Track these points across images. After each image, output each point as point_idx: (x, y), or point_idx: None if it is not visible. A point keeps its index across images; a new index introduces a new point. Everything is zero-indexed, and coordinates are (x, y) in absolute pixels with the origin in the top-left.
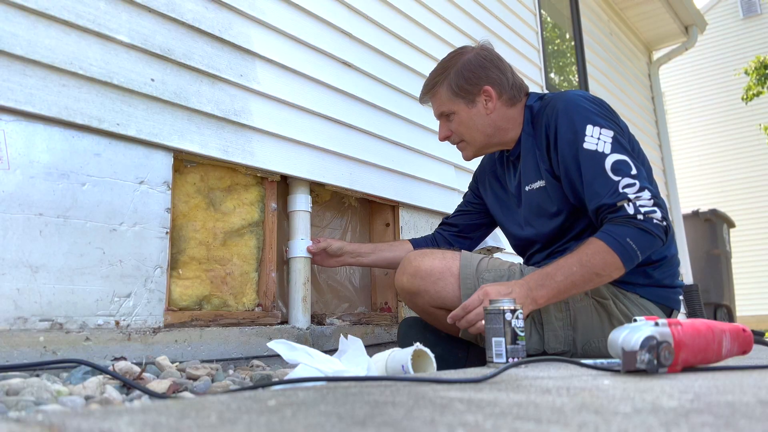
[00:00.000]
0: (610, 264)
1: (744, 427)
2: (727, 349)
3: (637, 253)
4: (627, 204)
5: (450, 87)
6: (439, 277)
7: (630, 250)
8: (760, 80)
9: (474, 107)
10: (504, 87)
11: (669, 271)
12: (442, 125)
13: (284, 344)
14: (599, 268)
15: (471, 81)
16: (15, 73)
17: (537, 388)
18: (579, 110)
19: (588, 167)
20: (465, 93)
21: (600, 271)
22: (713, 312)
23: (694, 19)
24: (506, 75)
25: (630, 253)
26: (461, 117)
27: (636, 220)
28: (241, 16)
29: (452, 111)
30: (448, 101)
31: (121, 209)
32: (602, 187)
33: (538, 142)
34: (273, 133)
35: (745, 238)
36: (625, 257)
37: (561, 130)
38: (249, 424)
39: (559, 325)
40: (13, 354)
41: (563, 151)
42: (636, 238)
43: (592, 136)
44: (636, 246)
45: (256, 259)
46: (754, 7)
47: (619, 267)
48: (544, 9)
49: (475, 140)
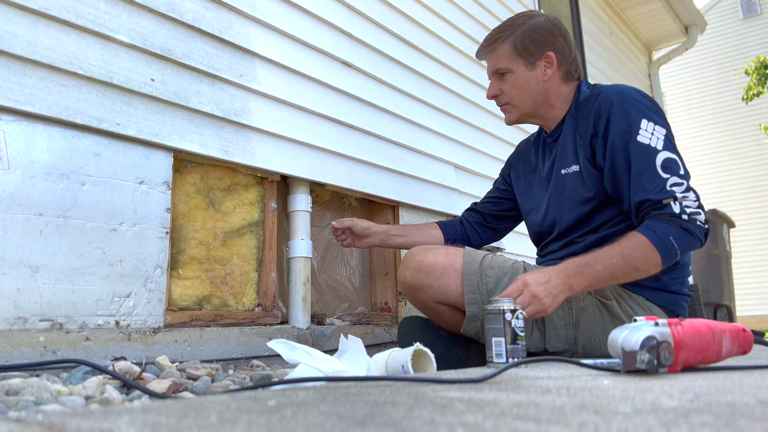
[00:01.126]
0: (650, 260)
1: (744, 427)
2: (727, 349)
3: (678, 253)
4: (673, 202)
5: (514, 44)
6: (442, 273)
7: (671, 248)
8: (760, 80)
9: (533, 70)
10: (566, 58)
11: (679, 278)
12: (493, 83)
13: (284, 344)
14: (639, 262)
15: (536, 43)
16: (15, 73)
17: (537, 388)
18: (635, 103)
19: (638, 160)
20: (528, 54)
21: (639, 266)
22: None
23: (694, 19)
24: (570, 48)
25: (671, 252)
26: (517, 77)
27: (681, 219)
28: (241, 16)
29: (509, 69)
30: (508, 58)
31: (121, 209)
32: (650, 182)
33: (581, 129)
34: (273, 133)
35: (745, 238)
36: (666, 255)
37: (614, 119)
38: (249, 424)
39: (560, 324)
40: (13, 354)
41: (614, 140)
42: (678, 237)
43: (646, 130)
44: (677, 245)
45: (256, 259)
46: (754, 7)
47: (657, 264)
48: (544, 9)
49: (523, 104)
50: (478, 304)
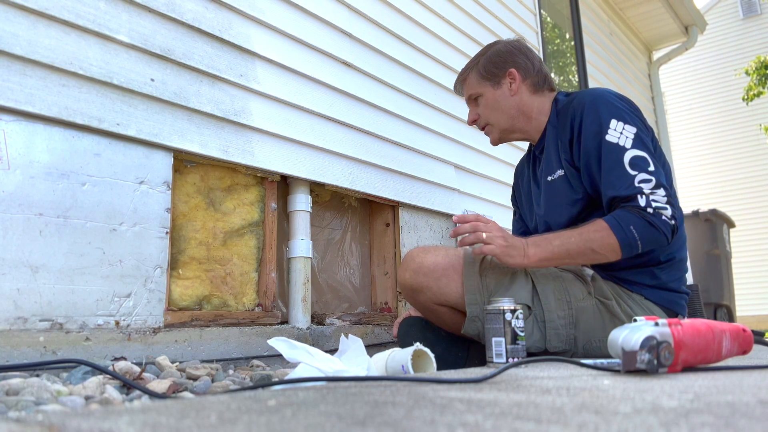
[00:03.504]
0: (608, 245)
1: (744, 427)
2: (727, 349)
3: (638, 243)
4: (640, 196)
5: (479, 71)
6: (442, 274)
7: (631, 237)
8: (760, 80)
9: (499, 88)
10: (529, 71)
11: (676, 275)
12: (471, 110)
13: (285, 342)
14: (596, 244)
15: (497, 65)
16: (15, 73)
17: (537, 388)
18: (606, 104)
19: (607, 158)
20: (491, 75)
21: (596, 247)
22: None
23: (694, 19)
24: (532, 62)
25: (630, 240)
26: (487, 98)
27: (645, 211)
28: (241, 16)
29: (479, 93)
30: (477, 84)
31: (121, 209)
32: (618, 180)
33: (561, 134)
34: (273, 133)
35: (745, 238)
36: (624, 243)
37: (586, 121)
38: (249, 424)
39: (561, 323)
40: (13, 354)
41: (586, 141)
42: (640, 228)
43: (615, 130)
44: (638, 235)
45: (256, 259)
46: (754, 7)
47: (615, 250)
48: (544, 9)
49: (499, 122)
50: (478, 304)
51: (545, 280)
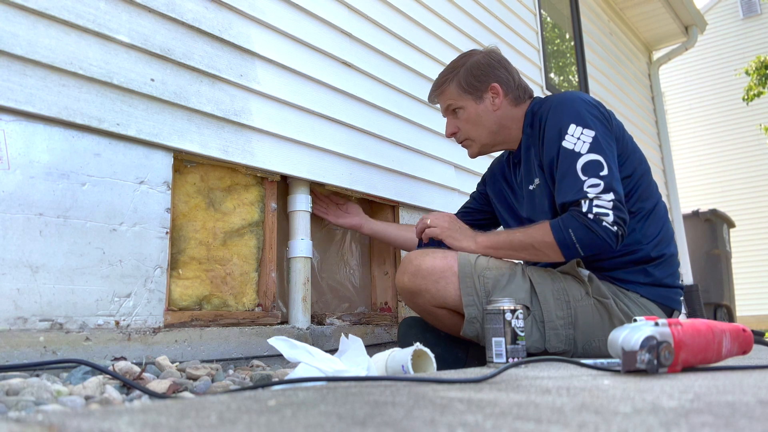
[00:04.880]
0: (547, 244)
1: (744, 427)
2: (727, 349)
3: (576, 247)
4: (584, 201)
5: (459, 83)
6: (440, 276)
7: (569, 240)
8: (761, 80)
9: (482, 103)
10: (510, 86)
11: (669, 270)
12: (450, 122)
13: (285, 341)
14: (536, 242)
15: (480, 78)
16: (15, 73)
17: (537, 388)
18: (567, 109)
19: (562, 165)
20: (473, 89)
21: (536, 245)
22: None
23: (694, 19)
24: (513, 76)
25: (568, 243)
26: (469, 113)
27: (585, 217)
28: (241, 16)
29: (460, 106)
30: (457, 96)
31: (121, 209)
32: (569, 185)
33: (534, 140)
34: (273, 133)
35: (745, 238)
36: (563, 245)
37: (548, 127)
38: (249, 424)
39: (560, 323)
40: (13, 354)
41: (548, 149)
42: (578, 232)
43: (573, 135)
44: (575, 239)
45: (256, 259)
46: (754, 7)
47: (555, 250)
48: (544, 9)
49: (480, 137)
50: (476, 305)
51: (543, 281)
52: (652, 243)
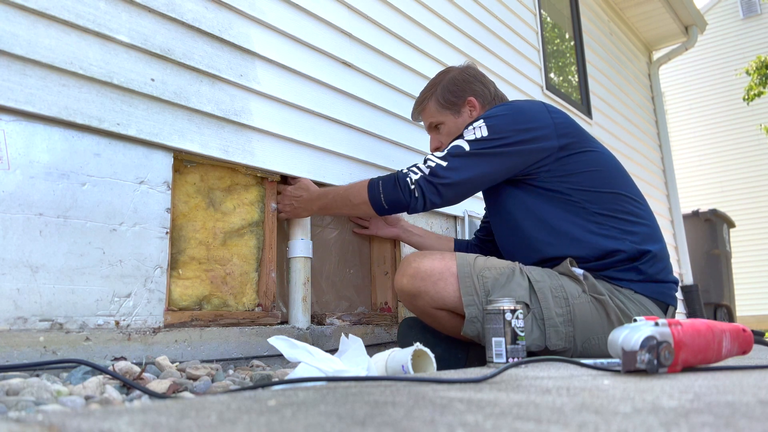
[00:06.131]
0: (360, 195)
1: (744, 427)
2: (727, 349)
3: (381, 197)
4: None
5: (438, 100)
6: (439, 278)
7: (377, 191)
8: (761, 80)
9: (460, 117)
10: (486, 98)
11: (659, 266)
12: (433, 137)
13: (285, 341)
14: (353, 195)
15: (456, 94)
16: (15, 73)
17: (537, 388)
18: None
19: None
20: (451, 105)
21: (352, 198)
22: (713, 312)
23: (694, 19)
24: (488, 88)
25: (375, 193)
26: (449, 127)
27: (400, 172)
28: (241, 16)
29: (441, 122)
30: (437, 113)
31: (121, 209)
32: None
33: None
34: (273, 133)
35: (745, 238)
36: (371, 195)
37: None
38: (249, 424)
39: (560, 321)
40: (13, 354)
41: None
42: (386, 183)
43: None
44: (382, 189)
45: (256, 259)
46: (754, 7)
47: (365, 201)
48: (544, 9)
49: None
50: (476, 305)
51: (542, 279)
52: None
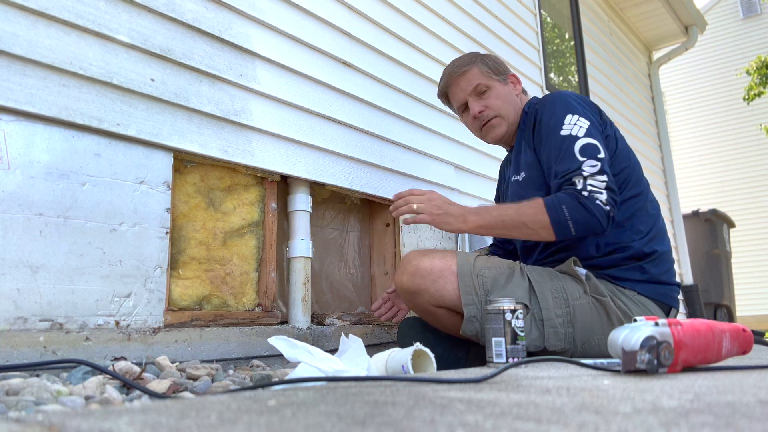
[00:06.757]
0: (540, 221)
1: (744, 427)
2: (727, 349)
3: (569, 224)
4: (578, 179)
5: (484, 65)
6: (439, 276)
7: (561, 215)
8: (761, 80)
9: (506, 86)
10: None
11: (664, 267)
12: (475, 102)
13: (285, 341)
14: (529, 219)
15: (499, 66)
16: (15, 73)
17: (537, 388)
18: (563, 102)
19: (560, 150)
20: (498, 72)
21: (528, 222)
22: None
23: (694, 19)
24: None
25: (561, 220)
26: (498, 91)
27: (580, 194)
28: (241, 16)
29: (489, 85)
30: (485, 77)
31: (121, 209)
32: (568, 165)
33: (526, 135)
34: (273, 133)
35: (745, 238)
36: (555, 221)
37: (544, 118)
38: (249, 424)
39: (559, 321)
40: (13, 354)
41: (544, 138)
42: (572, 208)
43: (569, 123)
44: (569, 215)
45: (256, 259)
46: (754, 7)
47: (547, 227)
48: (544, 9)
49: (509, 115)
50: (475, 305)
51: (542, 279)
52: (644, 239)
